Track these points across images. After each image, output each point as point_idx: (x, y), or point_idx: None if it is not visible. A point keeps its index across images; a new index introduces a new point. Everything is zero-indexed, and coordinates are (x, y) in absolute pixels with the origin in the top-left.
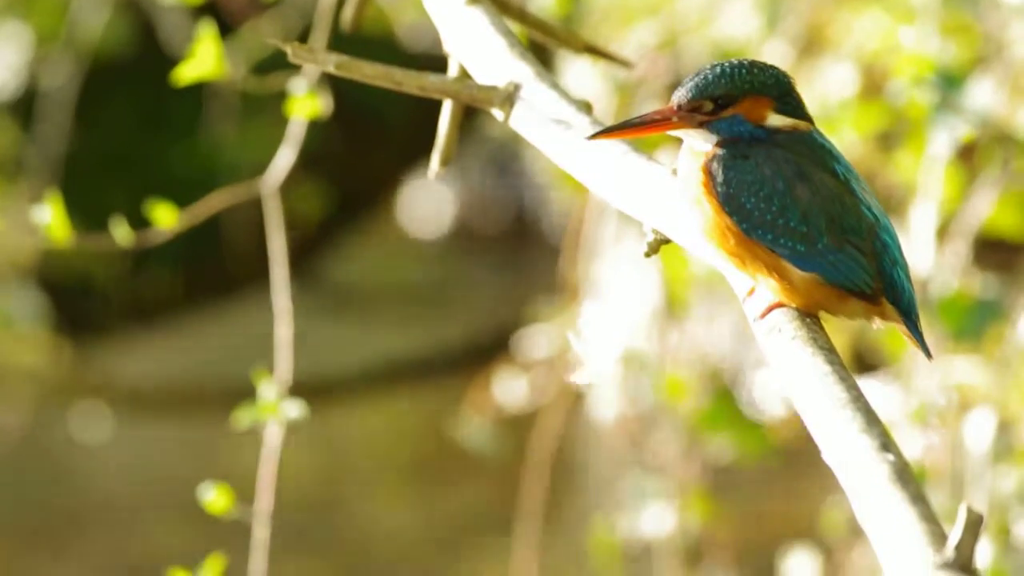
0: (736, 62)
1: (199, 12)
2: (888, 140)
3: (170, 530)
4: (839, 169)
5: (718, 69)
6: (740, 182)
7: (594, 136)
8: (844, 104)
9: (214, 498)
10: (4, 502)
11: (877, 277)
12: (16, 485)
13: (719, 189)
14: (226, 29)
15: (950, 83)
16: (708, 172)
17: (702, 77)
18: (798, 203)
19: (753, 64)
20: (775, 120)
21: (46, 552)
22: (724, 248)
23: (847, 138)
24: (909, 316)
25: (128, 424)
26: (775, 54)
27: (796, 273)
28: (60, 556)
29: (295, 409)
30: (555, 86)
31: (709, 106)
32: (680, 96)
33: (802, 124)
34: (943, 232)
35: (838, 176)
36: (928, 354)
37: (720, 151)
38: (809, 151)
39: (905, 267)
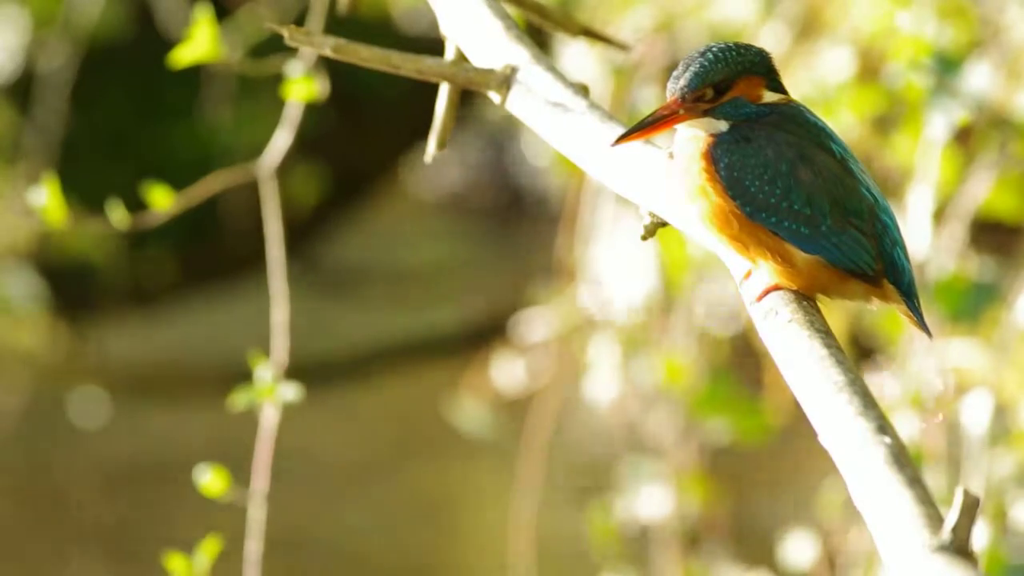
0: (723, 45)
1: None
2: (885, 123)
3: (167, 512)
4: (836, 149)
5: (710, 55)
6: (744, 166)
7: (616, 142)
8: (841, 87)
9: (210, 480)
10: (2, 483)
11: (878, 258)
12: (14, 466)
13: (723, 173)
14: (223, 12)
15: (947, 66)
16: (710, 157)
17: (698, 65)
18: (801, 185)
19: (738, 45)
20: (769, 97)
21: (44, 533)
22: (726, 233)
23: (844, 121)
24: (910, 296)
25: (125, 406)
26: (772, 37)
27: (799, 256)
28: (58, 537)
29: (291, 391)
30: (552, 69)
31: (710, 93)
32: (681, 88)
33: (791, 98)
34: (940, 215)
35: (836, 156)
36: (928, 333)
37: (721, 135)
38: (806, 131)
39: (904, 247)
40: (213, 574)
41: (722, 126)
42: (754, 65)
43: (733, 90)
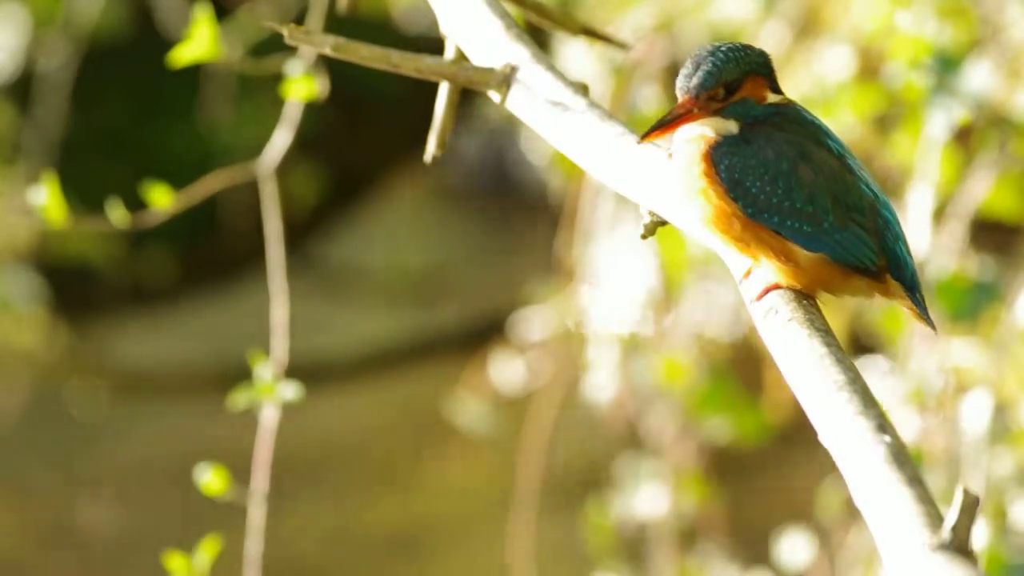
0: (731, 45)
1: None
2: (885, 123)
3: (167, 511)
4: (833, 146)
5: (720, 55)
6: (744, 167)
7: (642, 140)
8: (841, 86)
9: (210, 479)
10: (2, 483)
11: (881, 253)
12: (13, 466)
13: (723, 175)
14: (222, 11)
15: (947, 66)
16: (710, 159)
17: (710, 64)
18: (803, 184)
19: (743, 46)
20: (772, 98)
21: (44, 533)
22: (728, 234)
23: (844, 120)
24: (913, 290)
25: (125, 405)
26: (772, 36)
27: (802, 254)
28: (58, 538)
29: (291, 391)
30: (551, 68)
31: (722, 93)
32: (693, 86)
33: (790, 99)
34: (940, 214)
35: (834, 153)
36: (933, 327)
37: (721, 137)
38: (804, 129)
39: (905, 242)
40: (213, 574)
41: (732, 126)
42: (759, 66)
43: (742, 90)
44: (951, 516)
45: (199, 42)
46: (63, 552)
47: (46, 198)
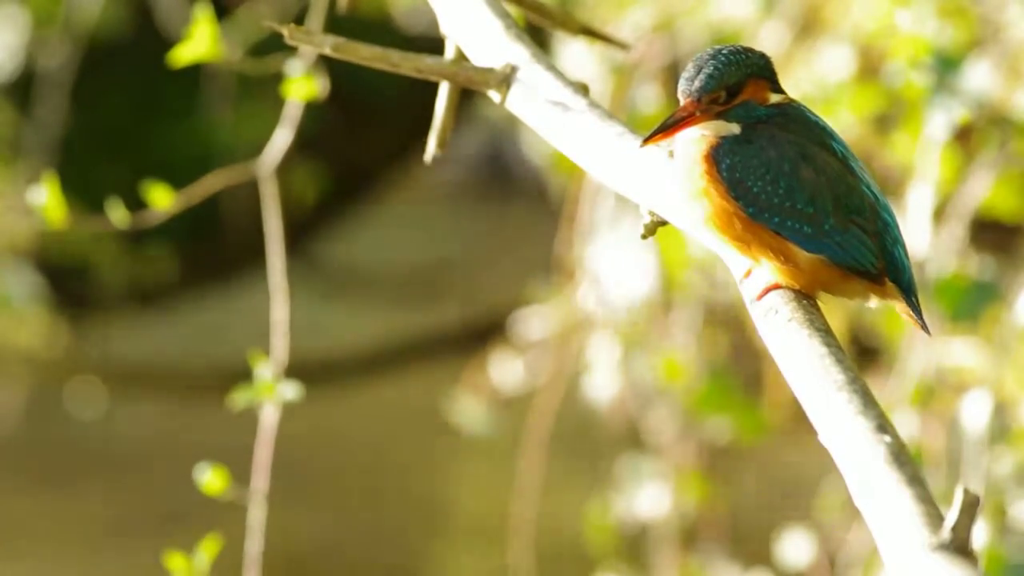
0: (732, 48)
1: None
2: (885, 122)
3: (166, 512)
4: (837, 147)
5: (722, 58)
6: (746, 167)
7: (644, 143)
8: (841, 86)
9: (210, 479)
10: (2, 482)
11: (880, 256)
12: (13, 465)
13: (724, 175)
14: (222, 11)
15: (947, 65)
16: (711, 159)
17: (712, 67)
18: (804, 184)
19: (744, 48)
20: (774, 99)
21: (42, 533)
22: (728, 234)
23: (844, 120)
24: (909, 294)
25: (125, 404)
26: (772, 35)
27: (802, 255)
28: (56, 538)
29: (291, 390)
30: (551, 68)
31: (723, 96)
32: (696, 90)
33: (792, 99)
34: (940, 214)
35: (837, 154)
36: (927, 331)
37: (722, 137)
38: (807, 130)
39: (904, 245)
40: (213, 574)
41: (734, 128)
42: (761, 68)
43: (743, 93)
44: (951, 516)
45: (199, 42)
46: (64, 550)
47: (46, 198)
